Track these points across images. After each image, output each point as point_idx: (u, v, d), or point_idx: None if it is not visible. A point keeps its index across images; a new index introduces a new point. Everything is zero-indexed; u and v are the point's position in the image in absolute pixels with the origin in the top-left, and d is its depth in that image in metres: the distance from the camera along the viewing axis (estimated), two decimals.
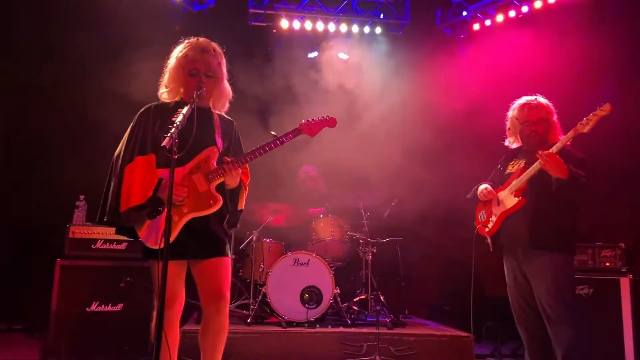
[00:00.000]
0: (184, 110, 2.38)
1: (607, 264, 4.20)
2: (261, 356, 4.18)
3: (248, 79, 5.64)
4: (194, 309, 5.01)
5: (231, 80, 2.87)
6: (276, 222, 5.41)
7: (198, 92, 2.56)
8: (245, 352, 4.14)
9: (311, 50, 6.85)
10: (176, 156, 2.20)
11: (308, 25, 6.68)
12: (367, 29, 6.79)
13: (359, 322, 4.87)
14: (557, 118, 3.32)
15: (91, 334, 3.93)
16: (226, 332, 2.71)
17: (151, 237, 2.52)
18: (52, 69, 5.45)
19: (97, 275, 4.03)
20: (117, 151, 2.67)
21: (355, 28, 6.76)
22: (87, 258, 4.06)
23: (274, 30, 6.74)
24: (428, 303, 6.02)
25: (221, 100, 2.83)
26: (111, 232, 4.01)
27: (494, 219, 3.33)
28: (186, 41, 2.77)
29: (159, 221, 2.52)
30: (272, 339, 4.30)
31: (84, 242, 4.09)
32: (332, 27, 6.72)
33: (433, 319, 5.55)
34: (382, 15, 6.92)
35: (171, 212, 2.20)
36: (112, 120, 4.39)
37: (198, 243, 2.63)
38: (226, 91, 2.83)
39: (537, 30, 5.53)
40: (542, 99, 3.34)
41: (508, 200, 3.26)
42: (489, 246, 3.36)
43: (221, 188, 2.69)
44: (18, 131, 5.41)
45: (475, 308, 4.61)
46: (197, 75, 2.66)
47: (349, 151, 5.95)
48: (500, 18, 6.23)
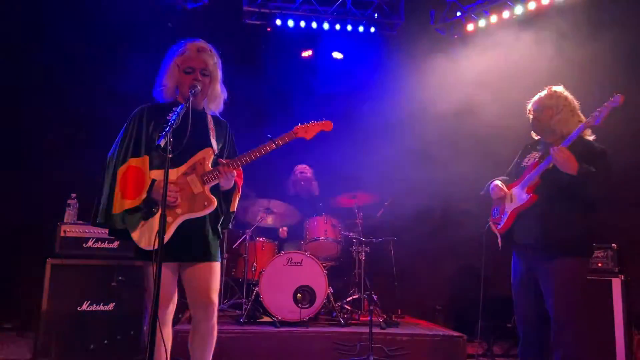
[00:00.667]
0: (179, 109, 2.36)
1: (599, 265, 4.23)
2: (254, 356, 4.17)
3: (241, 77, 5.63)
4: (186, 309, 4.99)
5: (224, 78, 2.86)
6: (269, 221, 5.40)
7: (193, 91, 2.54)
8: (237, 352, 4.13)
9: (305, 49, 6.84)
10: (171, 155, 2.18)
11: (302, 24, 6.66)
12: (362, 29, 6.79)
13: (352, 322, 4.87)
14: (576, 109, 3.15)
15: (82, 334, 3.90)
16: (215, 336, 2.71)
17: (144, 239, 2.50)
18: (44, 65, 5.40)
19: (89, 274, 3.99)
20: (111, 152, 2.65)
21: (349, 27, 6.76)
22: (79, 257, 4.02)
23: (268, 28, 6.71)
24: (421, 303, 6.03)
25: (215, 100, 2.82)
26: (103, 231, 3.98)
27: (506, 216, 3.21)
28: (183, 41, 2.76)
29: (153, 222, 2.51)
30: (265, 339, 4.29)
31: (75, 241, 4.05)
32: (327, 26, 6.70)
33: (426, 319, 5.56)
34: (377, 14, 6.92)
35: (165, 213, 2.19)
36: (105, 117, 4.37)
37: (189, 247, 2.61)
38: (221, 92, 2.82)
39: (531, 31, 5.55)
40: (557, 88, 3.22)
41: (520, 196, 3.14)
42: (498, 244, 3.25)
43: (215, 189, 2.67)
44: (9, 127, 5.35)
45: (468, 308, 4.64)
46: (193, 73, 2.65)
47: (343, 150, 5.96)
48: (494, 19, 6.24)
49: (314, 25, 6.68)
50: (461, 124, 5.81)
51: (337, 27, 6.72)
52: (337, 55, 6.79)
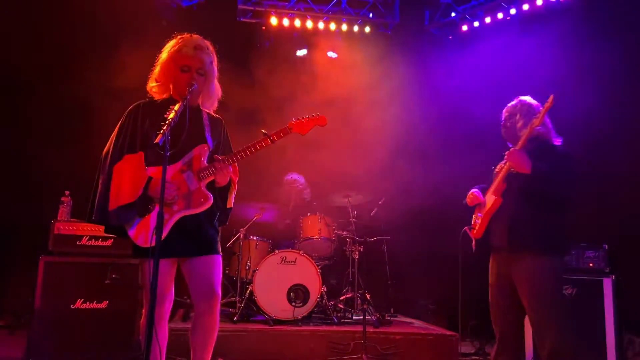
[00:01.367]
0: (176, 107, 2.36)
1: (591, 265, 4.26)
2: (247, 354, 4.16)
3: (236, 76, 5.62)
4: (180, 307, 4.98)
5: (219, 76, 2.85)
6: (263, 219, 5.39)
7: (190, 89, 2.53)
8: (231, 350, 4.12)
9: (300, 48, 6.84)
10: (168, 153, 2.18)
11: (297, 22, 6.66)
12: (356, 28, 6.80)
13: (346, 321, 4.89)
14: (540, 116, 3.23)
15: (75, 332, 3.87)
16: (217, 330, 2.69)
17: (141, 236, 2.50)
18: (38, 61, 5.37)
19: (82, 272, 3.96)
20: (106, 149, 2.63)
21: (344, 27, 6.77)
22: (72, 254, 3.99)
23: (263, 27, 6.71)
24: (414, 302, 6.06)
25: (211, 99, 2.81)
26: (97, 229, 3.95)
27: (479, 221, 3.33)
28: (179, 36, 2.73)
29: (149, 219, 2.50)
30: (259, 337, 4.29)
31: (69, 239, 4.02)
32: (322, 26, 6.71)
33: (419, 318, 5.59)
34: (371, 14, 6.94)
35: (163, 210, 2.19)
36: (99, 113, 4.36)
37: (189, 241, 2.61)
38: (216, 90, 2.81)
39: (525, 32, 5.58)
40: (523, 97, 3.36)
41: (489, 200, 3.27)
42: (472, 248, 3.37)
43: (211, 186, 2.67)
44: (2, 125, 5.31)
45: (460, 307, 4.66)
46: (189, 72, 2.63)
47: (337, 149, 5.96)
48: (488, 20, 6.28)
49: (309, 24, 6.69)
50: (455, 124, 5.84)
51: (332, 27, 6.74)
52: (332, 54, 6.79)
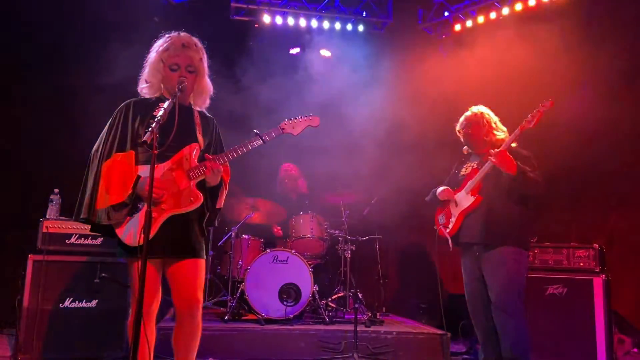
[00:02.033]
0: (165, 104, 2.33)
1: (581, 264, 4.27)
2: (238, 353, 4.15)
3: (229, 74, 5.59)
4: (170, 306, 4.95)
5: (211, 74, 2.83)
6: (257, 219, 5.38)
7: (180, 87, 2.51)
8: (222, 350, 4.10)
9: (293, 46, 6.82)
10: (157, 151, 2.16)
11: (290, 21, 6.64)
12: (350, 27, 6.79)
13: (337, 320, 4.87)
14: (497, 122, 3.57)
15: (64, 331, 3.85)
16: (199, 334, 2.67)
17: (129, 235, 2.47)
18: (25, 58, 5.32)
19: (71, 270, 3.93)
20: (95, 147, 2.61)
21: (337, 25, 6.75)
22: (61, 253, 3.96)
23: (256, 25, 6.68)
24: (405, 301, 6.06)
25: (202, 96, 2.79)
26: (86, 227, 3.91)
27: (454, 220, 3.53)
28: (167, 35, 2.70)
29: (137, 218, 2.48)
30: (250, 337, 4.27)
31: (58, 237, 3.99)
32: (315, 24, 6.70)
33: (410, 317, 5.59)
34: (365, 13, 6.92)
35: (151, 209, 2.16)
36: (88, 111, 4.31)
37: (175, 243, 2.57)
38: (207, 87, 2.79)
39: (518, 32, 5.59)
40: (477, 107, 3.64)
41: (465, 200, 3.48)
42: (449, 247, 3.54)
43: (202, 185, 2.65)
44: None
45: (451, 307, 4.67)
46: (179, 70, 2.61)
47: (330, 148, 5.95)
48: (481, 19, 6.28)
49: (302, 22, 6.67)
50: (448, 123, 5.83)
51: (326, 25, 6.72)
52: (325, 53, 6.77)
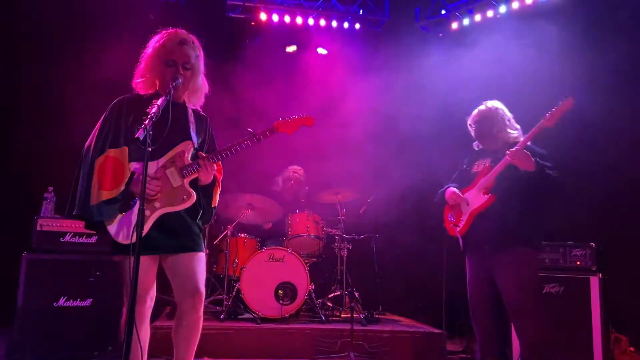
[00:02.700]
0: (159, 101, 2.31)
1: (578, 263, 4.26)
2: (235, 352, 4.13)
3: (225, 71, 5.57)
4: (166, 305, 4.93)
5: (207, 71, 2.81)
6: (251, 217, 5.35)
7: (174, 83, 2.49)
8: (218, 349, 4.09)
9: (290, 44, 6.80)
10: (150, 148, 2.14)
11: (287, 18, 6.62)
12: (347, 25, 6.78)
13: (334, 319, 4.87)
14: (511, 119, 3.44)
15: (59, 330, 3.83)
16: (200, 329, 2.64)
17: (122, 232, 2.45)
18: (18, 55, 5.28)
19: (66, 269, 3.92)
20: (88, 143, 2.58)
21: (334, 23, 6.74)
22: (56, 252, 3.95)
23: (252, 22, 6.65)
24: (402, 300, 6.05)
25: (197, 94, 2.76)
26: (81, 226, 3.89)
27: (464, 218, 3.38)
28: (164, 31, 2.68)
29: (130, 215, 2.45)
30: (246, 335, 4.26)
31: (53, 235, 3.97)
32: (311, 22, 6.68)
33: (406, 316, 5.58)
34: (362, 11, 6.91)
35: (144, 206, 2.15)
36: (81, 108, 4.28)
37: (171, 238, 2.56)
38: (202, 85, 2.76)
39: (515, 30, 5.57)
40: (490, 102, 3.48)
41: (477, 198, 3.33)
42: (460, 246, 3.42)
43: (195, 184, 2.63)
44: None
45: (447, 305, 4.66)
46: (174, 66, 2.59)
47: (325, 146, 5.93)
48: (478, 17, 6.28)
49: (299, 20, 6.65)
50: (445, 122, 5.83)
51: (322, 23, 6.71)
52: (322, 51, 6.76)
